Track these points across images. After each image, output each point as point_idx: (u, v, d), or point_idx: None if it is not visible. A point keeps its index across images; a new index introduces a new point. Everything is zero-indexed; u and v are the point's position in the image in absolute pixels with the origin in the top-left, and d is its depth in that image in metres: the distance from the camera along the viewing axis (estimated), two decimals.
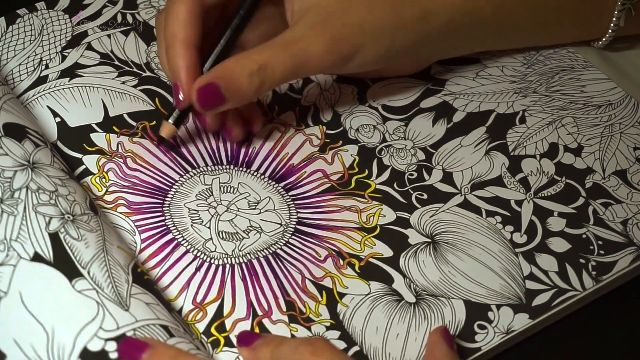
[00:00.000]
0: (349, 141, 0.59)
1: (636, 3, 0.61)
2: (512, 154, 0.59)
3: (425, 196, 0.57)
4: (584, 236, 0.55)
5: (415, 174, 0.58)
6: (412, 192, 0.57)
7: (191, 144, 0.59)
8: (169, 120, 0.56)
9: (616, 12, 0.61)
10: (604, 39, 0.63)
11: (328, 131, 0.60)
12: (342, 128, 0.60)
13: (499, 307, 0.52)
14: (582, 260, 0.54)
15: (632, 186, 0.57)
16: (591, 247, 0.54)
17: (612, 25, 0.62)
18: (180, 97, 0.54)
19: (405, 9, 0.55)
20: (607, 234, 0.55)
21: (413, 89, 0.62)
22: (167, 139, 0.57)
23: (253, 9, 0.56)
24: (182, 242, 0.54)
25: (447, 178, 0.58)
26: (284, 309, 0.51)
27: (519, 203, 0.56)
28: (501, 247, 0.54)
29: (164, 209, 0.56)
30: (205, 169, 0.58)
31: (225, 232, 0.55)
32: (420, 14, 0.56)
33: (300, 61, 0.54)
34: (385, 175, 0.58)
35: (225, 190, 0.57)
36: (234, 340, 0.50)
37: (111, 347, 0.46)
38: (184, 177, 0.57)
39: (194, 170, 0.57)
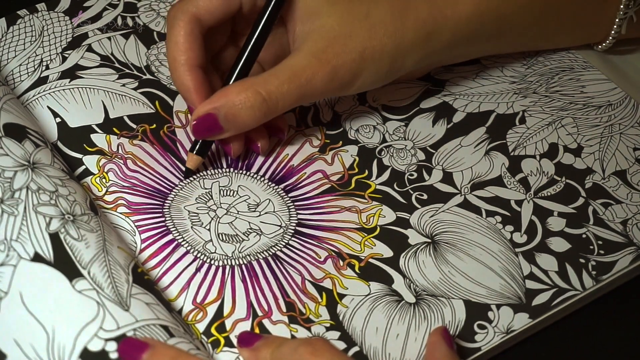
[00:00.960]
0: (349, 142, 0.59)
1: (638, 10, 0.61)
2: (512, 154, 0.59)
3: (425, 196, 0.57)
4: (583, 236, 0.55)
5: (415, 174, 0.58)
6: (412, 192, 0.57)
7: None
8: (194, 152, 0.56)
9: (617, 20, 0.61)
10: (605, 43, 0.63)
11: (328, 132, 0.60)
12: (342, 129, 0.60)
13: (499, 307, 0.52)
14: (582, 260, 0.54)
15: (632, 186, 0.57)
16: (591, 247, 0.54)
17: (613, 32, 0.62)
18: None
19: (407, 32, 0.55)
20: (607, 234, 0.55)
21: (413, 90, 0.62)
22: (194, 169, 0.57)
23: (271, 24, 0.56)
24: (182, 243, 0.54)
25: (447, 178, 0.58)
26: (284, 309, 0.51)
27: (519, 203, 0.56)
28: (501, 247, 0.54)
29: (164, 210, 0.56)
30: (205, 173, 0.58)
31: (225, 234, 0.55)
32: (424, 36, 0.55)
33: (304, 92, 0.54)
34: (385, 175, 0.58)
35: (225, 194, 0.57)
36: (234, 341, 0.50)
37: (111, 347, 0.46)
38: (184, 181, 0.57)
39: (193, 175, 0.57)
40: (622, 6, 0.60)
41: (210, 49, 0.57)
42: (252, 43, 0.55)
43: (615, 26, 0.61)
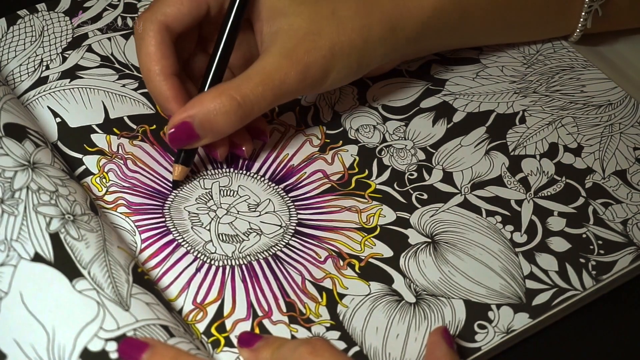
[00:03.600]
0: (349, 141, 0.59)
1: (603, 4, 0.61)
2: (512, 153, 0.59)
3: (425, 196, 0.57)
4: (584, 236, 0.55)
5: (416, 174, 0.58)
6: (412, 192, 0.57)
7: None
8: (179, 162, 0.56)
9: (583, 14, 0.62)
10: (572, 37, 0.64)
11: (328, 131, 0.60)
12: (342, 128, 0.60)
13: (499, 306, 0.52)
14: (582, 260, 0.54)
15: (632, 186, 0.57)
16: (591, 247, 0.54)
17: (579, 25, 0.63)
18: None
19: (374, 27, 0.56)
20: (607, 234, 0.55)
21: (413, 89, 0.62)
22: (180, 180, 0.57)
23: (238, 25, 0.56)
24: (183, 243, 0.54)
25: (447, 178, 0.58)
26: (284, 309, 0.51)
27: (519, 203, 0.56)
28: (501, 247, 0.54)
29: (164, 211, 0.56)
30: (205, 174, 0.58)
31: (225, 234, 0.55)
32: (389, 29, 0.56)
33: (278, 93, 0.54)
34: (386, 175, 0.58)
35: (225, 194, 0.57)
36: (234, 341, 0.50)
37: (112, 347, 0.46)
38: (184, 181, 0.57)
39: (193, 176, 0.57)
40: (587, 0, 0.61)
41: (180, 56, 0.57)
42: (222, 46, 0.55)
43: (581, 19, 0.62)
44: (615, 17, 0.63)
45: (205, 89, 0.55)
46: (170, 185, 0.57)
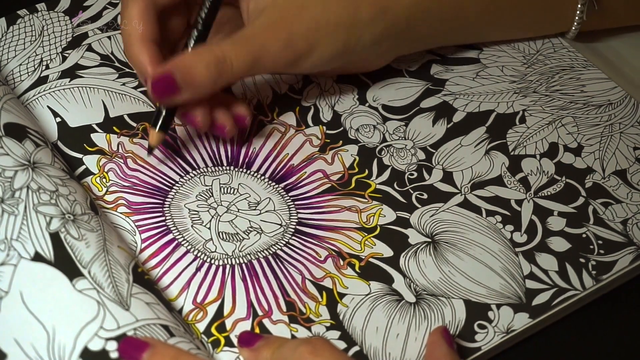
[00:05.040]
0: (349, 141, 0.59)
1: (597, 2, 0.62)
2: (512, 153, 0.59)
3: (425, 196, 0.57)
4: (584, 236, 0.55)
5: (416, 174, 0.58)
6: (412, 191, 0.57)
7: (191, 144, 0.59)
8: (155, 128, 0.56)
9: (579, 6, 0.62)
10: (569, 34, 0.64)
11: (328, 131, 0.60)
12: (342, 128, 0.60)
13: (499, 306, 0.52)
14: (582, 260, 0.54)
15: (632, 186, 0.57)
16: (591, 247, 0.54)
17: (575, 22, 0.63)
18: None
19: (362, 7, 0.56)
20: (607, 234, 0.55)
21: (413, 89, 0.62)
22: (157, 146, 0.57)
23: (216, 6, 0.56)
24: (183, 243, 0.54)
25: (447, 178, 0.58)
26: (284, 309, 0.51)
27: (519, 202, 0.56)
28: (501, 247, 0.54)
29: (164, 209, 0.56)
30: (206, 170, 0.58)
31: (225, 232, 0.55)
32: (378, 11, 0.56)
33: (257, 57, 0.54)
34: (386, 175, 0.58)
35: (225, 191, 0.57)
36: (234, 340, 0.50)
37: (112, 346, 0.46)
38: (184, 178, 0.57)
39: (194, 172, 0.57)
40: None
41: (167, 38, 0.57)
42: (205, 11, 0.55)
43: (577, 15, 0.62)
44: (611, 13, 0.63)
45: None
46: (170, 183, 0.57)
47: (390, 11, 0.57)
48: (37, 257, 0.48)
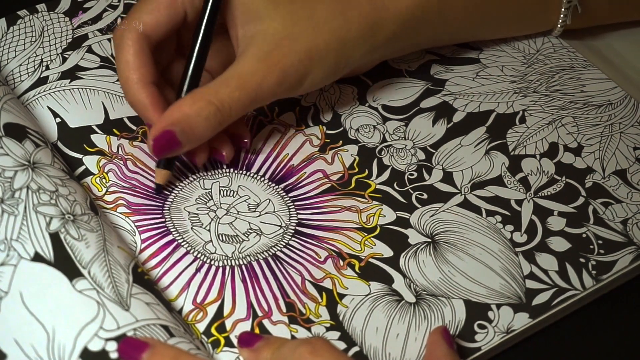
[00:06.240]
0: (349, 141, 0.59)
1: (581, 0, 0.62)
2: (512, 153, 0.59)
3: (425, 196, 0.57)
4: (584, 235, 0.55)
5: (415, 174, 0.58)
6: (412, 192, 0.57)
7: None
8: (160, 167, 0.55)
9: (563, 10, 0.62)
10: (555, 31, 0.64)
11: (328, 131, 0.60)
12: (342, 128, 0.60)
13: (499, 306, 0.52)
14: (582, 260, 0.54)
15: (632, 186, 0.57)
16: (591, 247, 0.54)
17: (560, 22, 0.63)
18: None
19: (352, 28, 0.55)
20: (607, 234, 0.55)
21: (413, 89, 0.62)
22: (163, 184, 0.56)
23: (212, 28, 0.55)
24: (182, 244, 0.54)
25: (447, 178, 0.58)
26: (284, 310, 0.51)
27: (519, 202, 0.56)
28: (501, 247, 0.54)
29: (164, 211, 0.56)
30: (205, 174, 0.58)
31: (225, 234, 0.55)
32: (368, 30, 0.56)
33: (255, 97, 0.54)
34: (385, 175, 0.58)
35: (225, 194, 0.57)
36: (234, 341, 0.50)
37: (112, 347, 0.46)
38: (184, 182, 0.57)
39: (193, 176, 0.57)
40: None
41: (159, 63, 0.57)
42: (196, 51, 0.55)
43: (561, 14, 0.63)
44: (595, 12, 0.63)
45: (183, 95, 0.55)
46: (170, 186, 0.57)
47: (378, 27, 0.56)
48: (37, 258, 0.48)
